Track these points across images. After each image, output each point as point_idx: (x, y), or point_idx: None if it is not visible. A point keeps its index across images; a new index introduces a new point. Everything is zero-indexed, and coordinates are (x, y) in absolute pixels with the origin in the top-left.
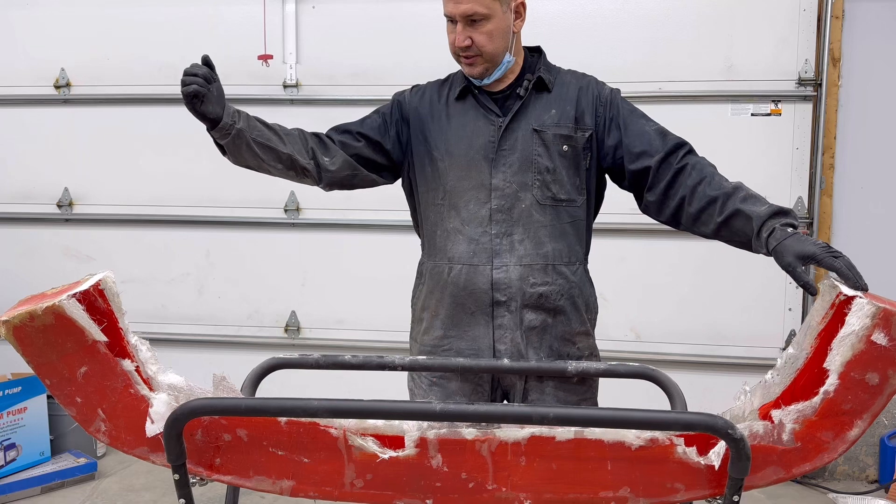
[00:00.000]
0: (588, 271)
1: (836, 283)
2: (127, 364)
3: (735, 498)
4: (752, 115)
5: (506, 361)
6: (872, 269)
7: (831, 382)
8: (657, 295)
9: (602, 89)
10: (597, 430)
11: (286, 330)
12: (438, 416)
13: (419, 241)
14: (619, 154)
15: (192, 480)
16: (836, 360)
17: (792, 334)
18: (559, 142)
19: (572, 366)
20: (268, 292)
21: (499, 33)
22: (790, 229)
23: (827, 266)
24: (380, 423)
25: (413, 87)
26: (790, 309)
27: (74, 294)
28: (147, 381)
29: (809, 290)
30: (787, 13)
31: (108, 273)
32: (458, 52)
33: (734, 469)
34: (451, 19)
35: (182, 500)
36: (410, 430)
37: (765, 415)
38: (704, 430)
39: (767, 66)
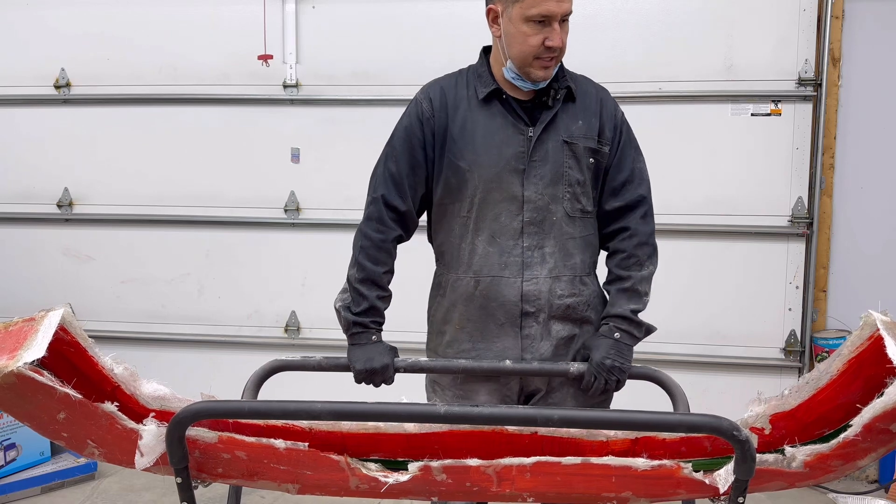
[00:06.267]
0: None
1: (879, 321)
2: (107, 406)
3: (740, 499)
4: (752, 115)
5: (508, 363)
6: (872, 269)
7: (853, 431)
8: (656, 294)
9: (617, 109)
10: (604, 457)
11: (286, 330)
12: (442, 419)
13: (425, 244)
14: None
15: (194, 483)
16: (864, 415)
17: (792, 334)
18: (588, 154)
19: (574, 367)
20: (268, 292)
21: None
22: (617, 334)
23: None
24: (382, 424)
25: (425, 91)
26: (790, 309)
27: (31, 362)
28: (132, 398)
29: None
30: (787, 13)
31: (64, 308)
32: (542, 55)
33: (739, 471)
34: (544, 20)
35: None
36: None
37: (775, 421)
38: (710, 432)
39: (767, 66)
